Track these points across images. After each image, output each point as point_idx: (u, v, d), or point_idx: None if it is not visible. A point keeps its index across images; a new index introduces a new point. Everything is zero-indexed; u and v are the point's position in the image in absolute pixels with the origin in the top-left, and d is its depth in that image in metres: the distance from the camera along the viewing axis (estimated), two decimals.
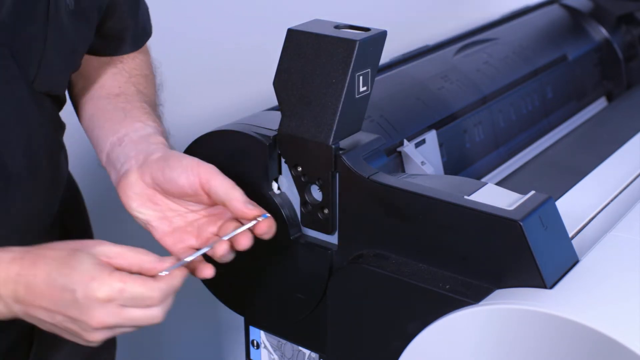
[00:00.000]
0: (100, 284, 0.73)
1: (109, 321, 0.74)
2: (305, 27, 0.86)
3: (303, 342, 0.98)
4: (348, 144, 0.88)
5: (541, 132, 1.33)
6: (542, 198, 0.79)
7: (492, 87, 1.24)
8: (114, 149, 0.92)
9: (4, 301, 0.75)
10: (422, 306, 0.80)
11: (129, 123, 0.93)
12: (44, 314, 0.75)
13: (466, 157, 1.16)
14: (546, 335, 0.71)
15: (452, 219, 0.79)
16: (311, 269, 0.91)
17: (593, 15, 1.53)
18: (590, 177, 1.05)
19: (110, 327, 0.75)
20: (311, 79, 0.85)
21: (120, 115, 0.95)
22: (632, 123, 1.25)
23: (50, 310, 0.75)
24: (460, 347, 0.77)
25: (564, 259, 0.79)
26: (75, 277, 0.74)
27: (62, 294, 0.74)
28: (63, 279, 0.74)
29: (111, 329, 0.75)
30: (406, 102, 1.10)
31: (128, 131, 0.92)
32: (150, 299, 0.75)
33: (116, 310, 0.74)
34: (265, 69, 1.09)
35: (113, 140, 0.92)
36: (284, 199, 0.92)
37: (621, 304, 0.72)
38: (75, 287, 0.73)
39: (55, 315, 0.75)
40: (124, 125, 0.93)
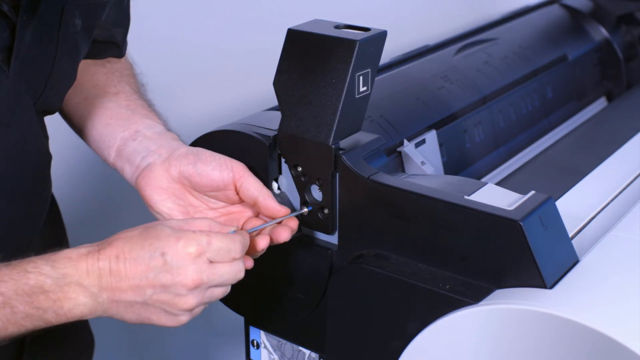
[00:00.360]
0: (188, 240, 0.75)
1: (203, 278, 0.76)
2: (305, 27, 0.86)
3: (303, 342, 0.98)
4: (348, 144, 0.87)
5: (541, 132, 1.33)
6: (542, 198, 0.79)
7: (492, 87, 1.24)
8: (128, 144, 0.92)
9: (89, 292, 0.75)
10: (422, 306, 0.80)
11: (138, 119, 0.94)
12: (132, 294, 0.75)
13: (466, 157, 1.16)
14: (546, 335, 0.71)
15: (452, 219, 0.79)
16: (311, 269, 0.91)
17: (593, 15, 1.53)
18: (590, 177, 1.05)
19: (203, 285, 0.76)
20: (311, 79, 0.85)
21: (126, 112, 0.95)
22: (632, 123, 1.25)
23: (139, 287, 0.75)
24: (460, 347, 0.77)
25: (564, 259, 0.79)
26: (160, 243, 0.75)
27: (150, 262, 0.75)
28: (148, 248, 0.75)
29: (203, 289, 0.76)
30: (406, 102, 1.10)
31: (140, 127, 0.93)
32: (234, 250, 0.78)
33: (206, 266, 0.76)
34: (265, 69, 1.09)
35: (125, 135, 0.93)
36: (284, 199, 0.92)
37: (621, 304, 0.72)
38: (165, 250, 0.75)
39: (146, 290, 0.75)
40: (134, 122, 0.94)
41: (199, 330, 1.71)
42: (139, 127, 0.93)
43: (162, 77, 1.33)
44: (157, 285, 0.75)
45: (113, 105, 0.97)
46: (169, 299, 0.76)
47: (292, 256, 0.92)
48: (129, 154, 0.91)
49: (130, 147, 0.92)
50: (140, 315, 0.77)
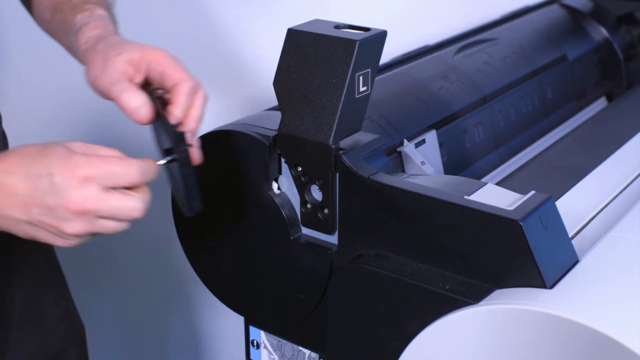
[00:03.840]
0: (78, 162, 0.72)
1: (89, 206, 0.72)
2: (305, 27, 0.86)
3: (303, 342, 0.98)
4: (348, 144, 0.88)
5: (541, 132, 1.33)
6: (542, 198, 0.79)
7: (492, 87, 1.24)
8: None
9: None
10: (422, 306, 0.80)
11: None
12: (17, 211, 0.73)
13: (466, 157, 1.16)
14: (546, 335, 0.71)
15: (452, 219, 0.79)
16: (311, 269, 0.91)
17: (593, 15, 1.53)
18: (590, 177, 1.05)
19: (88, 212, 0.72)
20: (311, 79, 0.85)
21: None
22: (632, 123, 1.25)
23: (25, 205, 0.72)
24: (460, 347, 0.77)
25: (564, 259, 0.79)
26: (51, 162, 0.72)
27: (38, 181, 0.72)
28: (38, 166, 0.72)
29: (90, 218, 0.73)
30: (406, 102, 1.10)
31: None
32: (129, 175, 0.74)
33: (96, 194, 0.72)
34: (265, 69, 1.09)
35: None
36: (284, 199, 0.92)
37: (621, 304, 0.72)
38: (53, 170, 0.72)
39: (32, 209, 0.72)
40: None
41: (198, 330, 1.71)
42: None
43: None
44: (43, 206, 0.72)
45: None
46: (54, 222, 0.73)
47: (292, 256, 0.92)
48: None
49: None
50: (27, 233, 0.75)
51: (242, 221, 0.95)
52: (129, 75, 0.81)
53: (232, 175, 0.94)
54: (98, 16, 0.90)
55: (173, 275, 1.59)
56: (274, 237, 0.93)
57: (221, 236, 0.98)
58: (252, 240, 0.95)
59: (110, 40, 0.85)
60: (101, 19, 0.89)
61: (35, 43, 1.25)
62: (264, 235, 0.94)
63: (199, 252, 1.03)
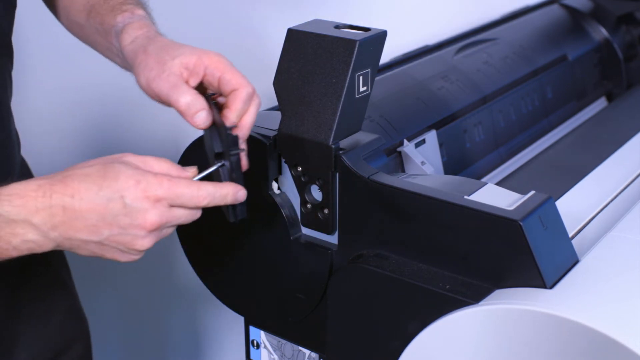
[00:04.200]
0: (149, 183, 0.74)
1: (161, 221, 0.74)
2: (305, 27, 0.86)
3: (303, 342, 0.98)
4: (348, 144, 0.88)
5: (541, 132, 1.33)
6: (542, 198, 0.79)
7: (492, 87, 1.24)
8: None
9: (39, 230, 0.73)
10: (422, 306, 0.80)
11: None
12: (86, 233, 0.74)
13: (466, 157, 1.16)
14: (546, 335, 0.71)
15: (452, 219, 0.79)
16: (311, 269, 0.91)
17: (593, 15, 1.53)
18: (590, 177, 1.05)
19: (160, 227, 0.75)
20: (311, 79, 0.85)
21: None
22: (632, 123, 1.25)
23: (95, 227, 0.74)
24: (460, 347, 0.77)
25: (564, 259, 0.79)
26: (119, 185, 0.74)
27: (108, 204, 0.73)
28: (106, 190, 0.73)
29: (159, 230, 0.76)
30: (406, 102, 1.10)
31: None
32: (196, 199, 0.76)
33: (165, 210, 0.75)
34: (265, 69, 1.09)
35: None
36: (284, 199, 0.92)
37: (621, 304, 0.72)
38: (123, 193, 0.73)
39: (102, 231, 0.74)
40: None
41: (198, 329, 1.71)
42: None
43: None
44: (115, 227, 0.74)
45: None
46: (127, 240, 0.75)
47: (292, 256, 0.92)
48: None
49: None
50: (94, 252, 0.76)
51: (242, 221, 0.95)
52: (185, 78, 0.82)
53: None
54: (139, 16, 0.90)
55: (173, 275, 1.59)
56: (274, 237, 0.93)
57: (221, 236, 0.98)
58: (253, 240, 0.96)
59: (160, 41, 0.85)
60: (143, 19, 0.90)
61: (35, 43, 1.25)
62: (264, 235, 0.94)
63: (199, 252, 1.03)
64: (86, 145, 1.38)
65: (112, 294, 1.54)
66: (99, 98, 1.36)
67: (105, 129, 1.39)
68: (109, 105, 1.37)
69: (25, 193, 0.73)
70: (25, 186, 0.73)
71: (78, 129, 1.38)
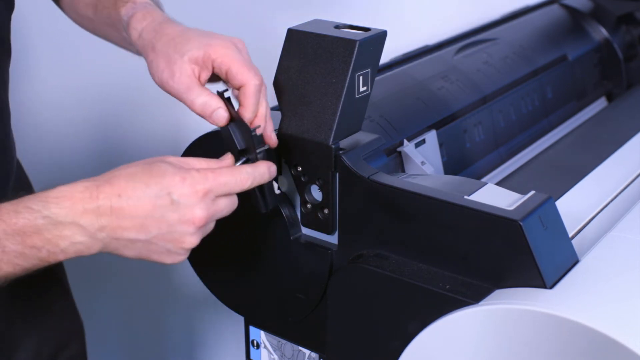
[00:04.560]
0: (194, 178, 0.75)
1: (208, 215, 0.75)
2: (305, 27, 0.86)
3: (303, 342, 0.98)
4: (348, 144, 0.88)
5: (541, 132, 1.33)
6: (542, 198, 0.79)
7: (492, 87, 1.24)
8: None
9: (87, 232, 0.73)
10: (422, 306, 0.80)
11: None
12: (134, 232, 0.74)
13: (466, 157, 1.16)
14: (546, 335, 0.71)
15: (452, 219, 0.79)
16: (311, 269, 0.91)
17: (593, 15, 1.53)
18: (590, 177, 1.05)
19: (207, 222, 0.76)
20: (311, 79, 0.85)
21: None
22: (632, 123, 1.25)
23: (143, 225, 0.74)
24: (460, 347, 0.77)
25: (564, 259, 0.79)
26: (166, 182, 0.74)
27: (156, 202, 0.73)
28: (153, 187, 0.74)
29: (205, 226, 0.76)
30: (406, 102, 1.10)
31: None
32: (241, 182, 0.78)
33: (211, 203, 0.76)
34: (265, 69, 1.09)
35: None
36: (284, 199, 0.92)
37: (621, 304, 0.72)
38: (170, 190, 0.74)
39: (150, 229, 0.74)
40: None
41: (198, 329, 1.71)
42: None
43: None
44: (163, 225, 0.74)
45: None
46: (175, 237, 0.75)
47: (292, 256, 0.92)
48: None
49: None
50: (141, 253, 0.76)
51: (242, 221, 0.95)
52: (196, 75, 0.82)
53: None
54: (142, 5, 0.89)
55: (173, 275, 1.59)
56: (274, 237, 0.93)
57: (221, 236, 0.98)
58: (252, 240, 0.95)
59: (167, 34, 0.84)
60: (145, 7, 0.89)
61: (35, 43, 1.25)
62: (264, 235, 0.94)
63: (199, 252, 1.02)
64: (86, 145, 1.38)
65: (111, 294, 1.54)
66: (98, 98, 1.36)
67: (105, 129, 1.39)
68: (109, 105, 1.37)
69: (73, 195, 0.73)
70: (72, 188, 0.73)
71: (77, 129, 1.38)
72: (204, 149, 0.94)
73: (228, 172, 0.77)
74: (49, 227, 0.72)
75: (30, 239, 0.71)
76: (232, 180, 0.77)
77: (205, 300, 1.61)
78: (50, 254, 0.73)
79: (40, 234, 0.72)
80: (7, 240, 0.71)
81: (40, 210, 0.72)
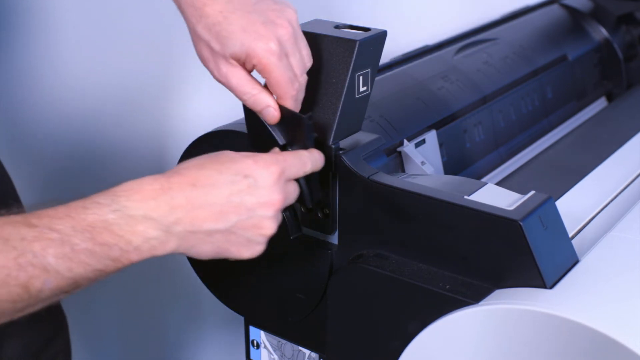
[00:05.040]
0: (266, 160, 0.74)
1: (284, 196, 0.74)
2: (305, 27, 0.86)
3: (303, 342, 0.98)
4: (348, 144, 0.88)
5: (541, 132, 1.33)
6: (542, 198, 0.79)
7: (492, 87, 1.24)
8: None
9: (161, 225, 0.68)
10: (422, 306, 0.80)
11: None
12: (212, 222, 0.70)
13: (466, 157, 1.16)
14: (546, 335, 0.71)
15: (452, 219, 0.79)
16: (311, 269, 0.91)
17: (593, 15, 1.53)
18: (590, 177, 1.05)
19: (282, 205, 0.74)
20: (311, 79, 0.85)
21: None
22: (632, 123, 1.25)
23: (222, 213, 0.71)
24: (460, 347, 0.77)
25: (564, 259, 0.79)
26: (238, 166, 0.72)
27: (232, 187, 0.71)
28: (226, 173, 0.71)
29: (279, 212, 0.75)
30: (406, 102, 1.10)
31: None
32: (305, 165, 0.78)
33: (284, 185, 0.75)
34: None
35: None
36: None
37: (621, 304, 0.72)
38: (246, 172, 0.72)
39: (230, 216, 0.71)
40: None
41: (198, 329, 1.71)
42: None
43: (162, 77, 1.33)
44: (243, 210, 0.71)
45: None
46: (255, 222, 0.72)
47: (292, 256, 0.92)
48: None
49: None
50: (219, 247, 0.72)
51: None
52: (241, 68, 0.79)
53: None
54: None
55: (173, 274, 1.59)
56: (274, 237, 0.93)
57: None
58: None
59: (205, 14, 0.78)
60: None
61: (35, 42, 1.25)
62: None
63: None
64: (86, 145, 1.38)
65: (111, 293, 1.54)
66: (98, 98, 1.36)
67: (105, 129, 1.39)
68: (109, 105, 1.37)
69: (142, 187, 0.69)
70: (140, 181, 0.69)
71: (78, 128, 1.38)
72: (204, 149, 0.94)
73: (291, 154, 0.77)
74: (120, 222, 0.67)
75: (101, 235, 0.66)
76: (297, 163, 0.76)
77: (205, 300, 1.60)
78: (123, 253, 0.68)
79: (111, 230, 0.66)
80: (76, 237, 0.65)
81: (109, 204, 0.67)
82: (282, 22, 0.78)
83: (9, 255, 0.62)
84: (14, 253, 0.62)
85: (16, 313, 0.64)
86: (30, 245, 0.63)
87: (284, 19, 0.78)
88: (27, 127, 1.27)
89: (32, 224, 0.64)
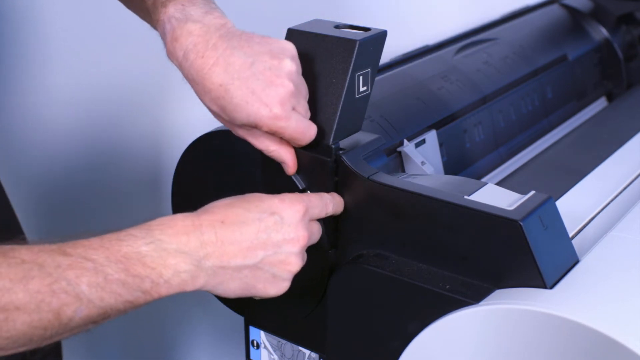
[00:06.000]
0: (292, 199, 0.77)
1: (309, 234, 0.77)
2: (305, 27, 0.86)
3: (303, 342, 0.98)
4: (348, 144, 0.87)
5: (541, 132, 1.33)
6: (542, 198, 0.79)
7: (492, 87, 1.24)
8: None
9: (192, 258, 0.70)
10: (422, 306, 0.80)
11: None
12: (241, 258, 0.73)
13: (466, 157, 1.16)
14: (546, 335, 0.71)
15: (452, 219, 0.79)
16: (311, 269, 0.91)
17: (593, 15, 1.53)
18: (590, 177, 1.05)
19: (307, 243, 0.77)
20: (311, 79, 0.85)
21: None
22: (632, 123, 1.25)
23: (250, 249, 0.74)
24: (460, 347, 0.77)
25: (564, 259, 0.79)
26: (265, 205, 0.75)
27: (259, 224, 0.74)
28: (254, 211, 0.74)
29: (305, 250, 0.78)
30: (406, 102, 1.10)
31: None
32: (327, 207, 0.82)
33: (309, 224, 0.78)
34: None
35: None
36: None
37: (621, 304, 0.72)
38: (272, 210, 0.75)
39: (257, 252, 0.74)
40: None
41: (198, 329, 1.71)
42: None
43: (162, 77, 1.33)
44: (270, 246, 0.74)
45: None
46: (281, 259, 0.75)
47: None
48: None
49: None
50: (246, 283, 0.75)
51: None
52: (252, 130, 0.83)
53: (233, 175, 0.94)
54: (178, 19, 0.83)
55: None
56: None
57: None
58: None
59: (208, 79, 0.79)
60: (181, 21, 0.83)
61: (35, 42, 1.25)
62: None
63: None
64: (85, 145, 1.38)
65: None
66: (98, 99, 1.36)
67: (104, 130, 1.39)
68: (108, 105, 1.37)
69: (175, 223, 0.72)
70: (173, 217, 0.73)
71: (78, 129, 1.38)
72: (205, 149, 0.94)
73: (315, 195, 0.80)
74: (153, 255, 0.69)
75: (134, 267, 0.68)
76: (320, 204, 0.80)
77: (205, 300, 1.61)
78: (154, 286, 0.70)
79: (143, 262, 0.69)
80: (110, 267, 0.67)
81: (143, 237, 0.70)
82: (281, 81, 0.78)
83: (44, 282, 0.63)
84: (48, 280, 0.64)
85: (44, 340, 0.65)
86: (64, 273, 0.65)
87: (283, 77, 0.78)
88: (26, 127, 1.27)
89: (66, 252, 0.66)
